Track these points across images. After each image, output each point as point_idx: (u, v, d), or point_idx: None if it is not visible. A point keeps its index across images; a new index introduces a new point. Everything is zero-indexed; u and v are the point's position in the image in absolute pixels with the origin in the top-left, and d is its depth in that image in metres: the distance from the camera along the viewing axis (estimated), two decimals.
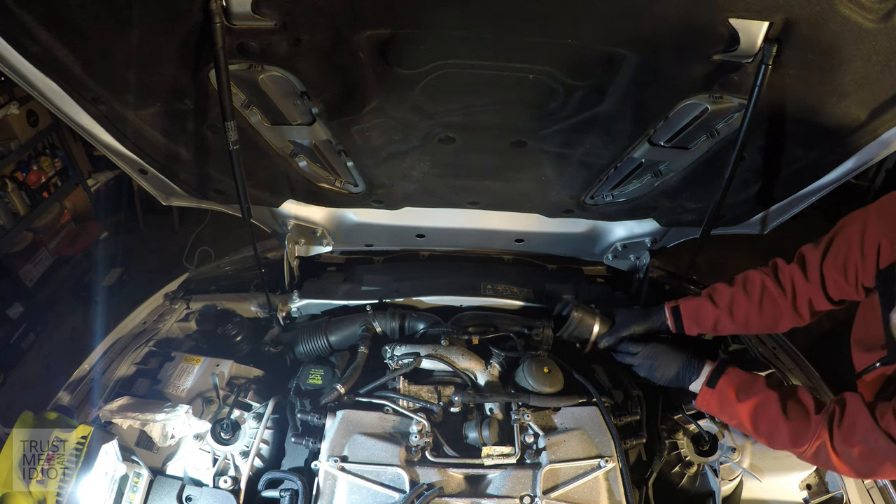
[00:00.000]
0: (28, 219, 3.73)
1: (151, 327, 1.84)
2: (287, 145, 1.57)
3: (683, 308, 1.55)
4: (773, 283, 1.44)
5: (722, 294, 1.50)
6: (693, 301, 1.55)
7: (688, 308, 1.55)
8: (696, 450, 1.51)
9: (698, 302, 1.54)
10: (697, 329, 1.54)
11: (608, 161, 1.56)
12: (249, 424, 1.51)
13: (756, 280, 1.47)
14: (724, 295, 1.50)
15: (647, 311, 1.60)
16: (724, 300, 1.49)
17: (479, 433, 1.40)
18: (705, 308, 1.52)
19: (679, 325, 1.55)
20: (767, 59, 1.08)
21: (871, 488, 1.45)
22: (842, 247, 1.33)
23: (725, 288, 1.51)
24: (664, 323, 1.56)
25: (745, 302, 1.47)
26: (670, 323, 1.55)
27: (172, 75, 1.22)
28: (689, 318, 1.54)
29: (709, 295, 1.53)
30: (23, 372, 3.39)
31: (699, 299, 1.54)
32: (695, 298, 1.55)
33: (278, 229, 1.98)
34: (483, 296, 1.91)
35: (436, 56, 1.19)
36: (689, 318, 1.54)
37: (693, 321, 1.53)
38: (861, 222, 1.29)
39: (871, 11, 0.97)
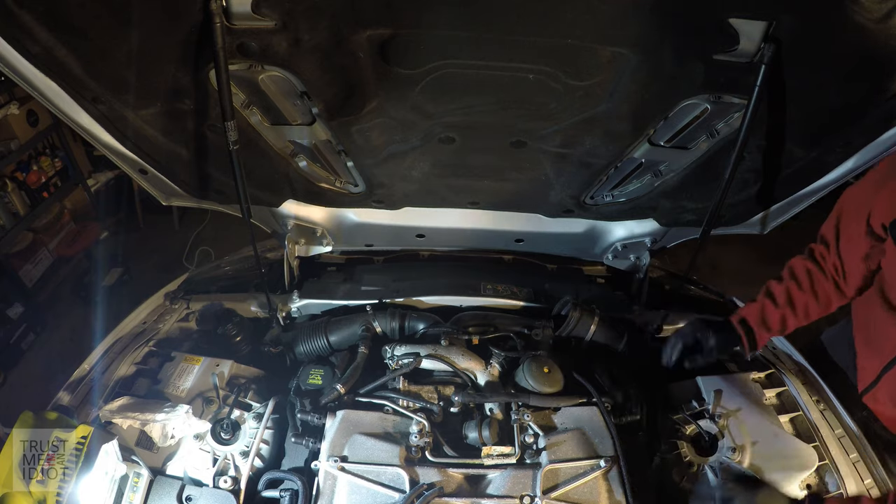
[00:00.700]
0: (28, 219, 3.73)
1: (151, 327, 1.84)
2: (287, 145, 1.57)
3: (749, 317, 1.53)
4: (815, 266, 1.48)
5: (777, 291, 1.51)
6: (752, 307, 1.53)
7: (752, 315, 1.52)
8: (696, 450, 1.50)
9: (758, 306, 1.52)
10: (767, 334, 1.52)
11: (608, 161, 1.56)
12: (249, 424, 1.51)
13: (801, 268, 1.49)
14: (780, 291, 1.50)
15: (722, 333, 1.54)
16: (782, 297, 1.49)
17: (479, 433, 1.40)
18: (769, 310, 1.51)
19: (751, 336, 1.51)
20: (767, 59, 1.08)
21: (872, 488, 1.45)
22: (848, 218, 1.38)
23: (777, 284, 1.52)
24: (736, 339, 1.52)
25: (799, 292, 1.48)
26: (742, 336, 1.51)
27: (172, 75, 1.22)
28: (758, 325, 1.51)
29: (765, 295, 1.52)
30: (23, 372, 3.39)
31: (757, 304, 1.53)
32: (752, 305, 1.54)
33: (278, 229, 1.98)
34: (483, 296, 1.91)
35: (436, 56, 1.19)
36: (758, 325, 1.51)
37: (763, 328, 1.51)
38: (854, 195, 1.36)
39: (871, 11, 0.97)
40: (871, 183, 1.34)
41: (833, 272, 1.47)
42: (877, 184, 1.31)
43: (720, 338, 1.53)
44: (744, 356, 1.57)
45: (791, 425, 1.58)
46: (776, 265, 1.61)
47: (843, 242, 1.42)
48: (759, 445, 1.46)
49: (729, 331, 1.54)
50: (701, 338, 1.54)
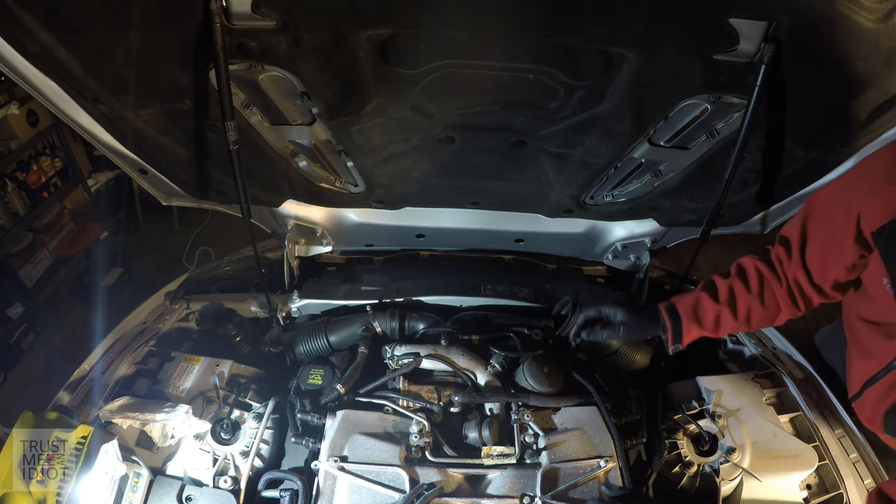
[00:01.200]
0: (28, 219, 3.73)
1: (151, 327, 1.84)
2: (287, 145, 1.57)
3: (679, 305, 1.41)
4: (769, 270, 1.36)
5: (720, 286, 1.39)
6: (686, 297, 1.41)
7: (684, 305, 1.40)
8: (696, 450, 1.51)
9: (693, 297, 1.40)
10: (697, 329, 1.41)
11: (608, 161, 1.56)
12: (249, 424, 1.51)
13: (752, 269, 1.37)
14: (723, 287, 1.39)
15: (639, 314, 1.45)
16: (723, 293, 1.38)
17: (479, 433, 1.40)
18: (704, 303, 1.39)
19: (677, 327, 1.40)
20: (767, 59, 1.08)
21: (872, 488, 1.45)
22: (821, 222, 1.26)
23: (721, 279, 1.40)
24: (661, 325, 1.41)
25: (744, 293, 1.37)
26: (667, 323, 1.40)
27: (172, 75, 1.22)
28: (688, 316, 1.40)
29: (704, 288, 1.40)
30: (23, 372, 3.39)
31: (692, 295, 1.41)
32: (688, 295, 1.42)
33: (278, 229, 1.98)
34: (483, 296, 1.92)
35: (436, 56, 1.19)
36: (687, 317, 1.40)
37: (693, 321, 1.40)
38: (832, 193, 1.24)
39: (871, 11, 0.97)
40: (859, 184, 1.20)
41: (790, 282, 1.34)
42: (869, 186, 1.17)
43: (635, 318, 1.43)
44: (665, 348, 1.44)
45: (791, 425, 1.59)
46: None
47: (812, 250, 1.29)
48: (759, 445, 1.46)
49: (650, 314, 1.42)
50: (609, 312, 1.45)
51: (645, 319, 1.44)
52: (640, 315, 1.45)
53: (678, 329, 1.41)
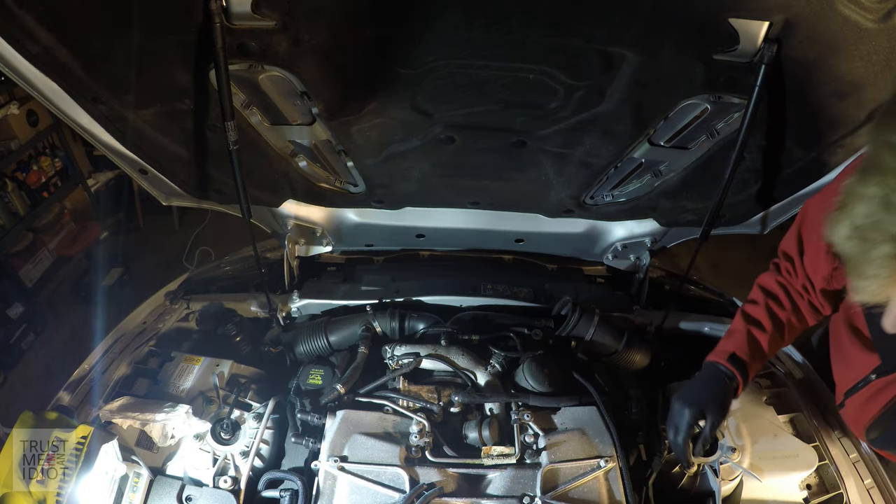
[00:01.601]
0: (28, 219, 3.73)
1: (151, 327, 1.84)
2: (287, 145, 1.57)
3: (738, 350, 1.33)
4: (787, 282, 1.36)
5: (760, 314, 1.35)
6: (737, 339, 1.35)
7: (740, 347, 1.33)
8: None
9: (742, 336, 1.34)
10: (760, 364, 1.35)
11: (608, 161, 1.56)
12: (249, 424, 1.51)
13: (776, 285, 1.35)
14: (762, 314, 1.35)
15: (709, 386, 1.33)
16: (766, 320, 1.34)
17: (479, 433, 1.40)
18: (757, 338, 1.34)
19: (745, 373, 1.32)
20: (767, 59, 1.08)
21: (872, 488, 1.45)
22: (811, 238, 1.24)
23: (756, 307, 1.37)
24: (734, 382, 1.32)
25: (781, 311, 1.35)
26: (738, 377, 1.32)
27: (172, 75, 1.22)
28: (753, 358, 1.33)
29: (748, 322, 1.36)
30: (23, 372, 3.39)
31: (740, 334, 1.34)
32: (733, 336, 1.35)
33: (278, 229, 1.98)
34: (483, 296, 1.92)
35: (436, 56, 1.19)
36: (752, 359, 1.33)
37: (756, 360, 1.34)
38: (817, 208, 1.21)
39: (871, 11, 0.97)
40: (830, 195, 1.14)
41: (802, 290, 1.34)
42: None
43: (710, 395, 1.31)
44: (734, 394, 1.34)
45: (791, 425, 1.59)
46: None
47: (808, 259, 1.30)
48: (759, 445, 1.46)
49: (714, 377, 1.33)
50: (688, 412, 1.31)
51: (715, 386, 1.33)
52: (710, 386, 1.33)
53: (746, 373, 1.34)
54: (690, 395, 1.33)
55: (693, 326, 1.96)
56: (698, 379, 1.36)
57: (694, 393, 1.34)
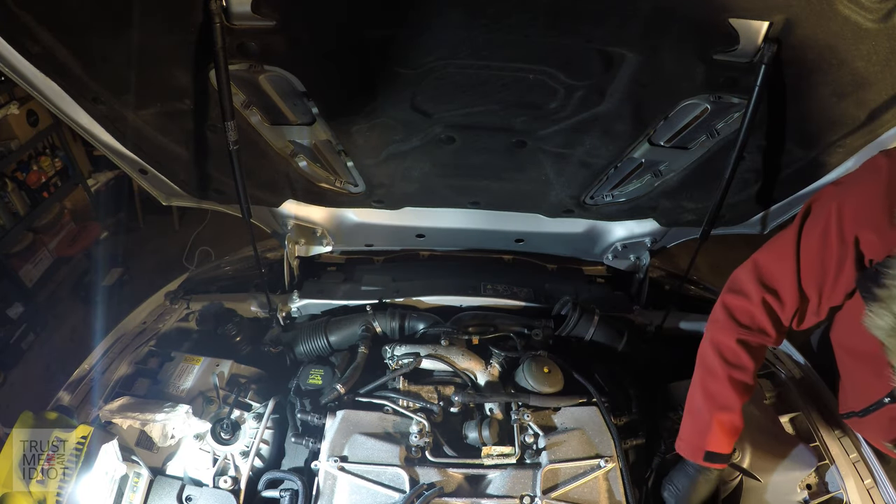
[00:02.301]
0: (28, 219, 3.73)
1: (151, 327, 1.84)
2: (287, 145, 1.57)
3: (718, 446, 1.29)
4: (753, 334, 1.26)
5: (725, 397, 1.27)
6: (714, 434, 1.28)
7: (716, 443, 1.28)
8: None
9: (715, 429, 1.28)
10: (737, 435, 1.32)
11: (608, 161, 1.56)
12: (249, 424, 1.51)
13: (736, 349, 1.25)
14: (727, 395, 1.27)
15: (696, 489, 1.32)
16: (733, 398, 1.27)
17: (479, 433, 1.40)
18: (726, 422, 1.28)
19: (725, 457, 1.30)
20: (767, 59, 1.08)
21: (872, 488, 1.45)
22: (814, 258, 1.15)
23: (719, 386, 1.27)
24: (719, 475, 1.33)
25: (746, 375, 1.27)
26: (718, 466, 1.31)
27: (172, 75, 1.22)
28: (730, 443, 1.31)
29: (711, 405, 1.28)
30: (23, 372, 3.39)
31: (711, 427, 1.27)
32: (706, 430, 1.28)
33: (278, 229, 1.98)
34: (483, 296, 1.92)
35: (436, 56, 1.19)
36: (729, 444, 1.30)
37: (734, 435, 1.30)
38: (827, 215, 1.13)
39: (871, 11, 0.97)
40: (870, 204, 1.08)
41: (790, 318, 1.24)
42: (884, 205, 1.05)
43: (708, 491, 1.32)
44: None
45: (791, 425, 1.58)
46: None
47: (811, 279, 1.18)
48: (759, 445, 1.46)
49: (705, 477, 1.32)
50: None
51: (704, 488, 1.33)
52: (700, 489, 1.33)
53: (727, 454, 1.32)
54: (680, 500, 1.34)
55: (693, 326, 1.96)
56: (688, 482, 1.34)
57: (687, 499, 1.34)
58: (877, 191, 1.06)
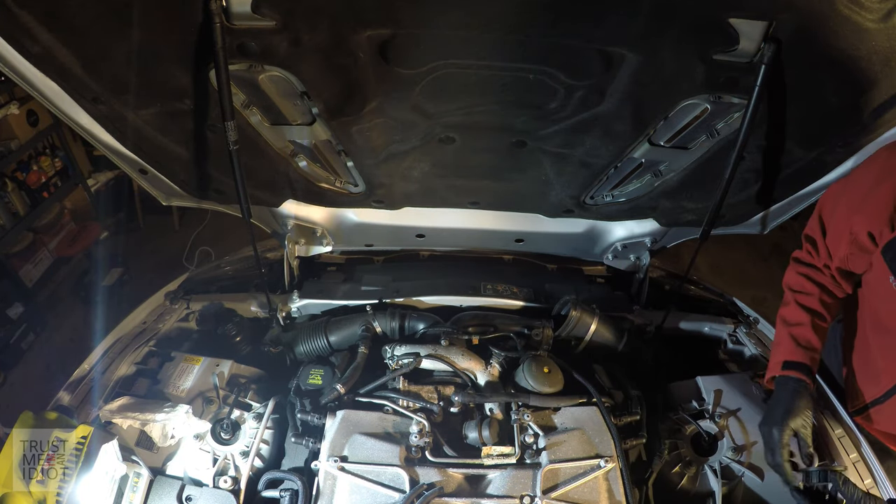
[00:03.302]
0: (28, 219, 3.73)
1: (151, 327, 1.84)
2: (287, 145, 1.58)
3: (790, 356, 1.44)
4: (808, 268, 1.48)
5: (792, 314, 1.47)
6: (785, 348, 1.46)
7: (789, 353, 1.44)
8: (696, 450, 1.51)
9: (787, 341, 1.46)
10: (816, 352, 1.45)
11: (608, 161, 1.56)
12: (249, 424, 1.51)
13: (795, 279, 1.49)
14: (794, 312, 1.47)
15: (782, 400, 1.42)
16: (800, 315, 1.45)
17: (479, 433, 1.40)
18: (799, 333, 1.44)
19: (810, 372, 1.43)
20: (767, 59, 1.08)
21: (872, 488, 1.45)
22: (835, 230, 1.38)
23: (787, 309, 1.49)
24: (802, 385, 1.42)
25: (809, 298, 1.46)
26: (807, 380, 1.42)
27: (172, 75, 1.22)
28: (803, 353, 1.43)
29: (785, 325, 1.48)
30: (23, 372, 3.39)
31: (784, 340, 1.46)
32: (781, 345, 1.47)
33: (278, 229, 1.99)
34: (483, 296, 1.92)
35: (436, 56, 1.19)
36: (802, 354, 1.43)
37: (812, 352, 1.44)
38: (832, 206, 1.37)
39: (871, 11, 0.97)
40: (856, 184, 1.31)
41: (824, 268, 1.46)
42: (866, 188, 1.27)
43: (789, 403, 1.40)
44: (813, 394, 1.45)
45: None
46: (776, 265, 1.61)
47: (829, 239, 1.42)
48: (760, 445, 1.46)
49: (785, 388, 1.42)
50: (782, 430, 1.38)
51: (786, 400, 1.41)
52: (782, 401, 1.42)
53: (808, 369, 1.44)
54: (770, 418, 1.42)
55: (693, 326, 1.96)
56: (772, 399, 1.46)
57: (772, 414, 1.42)
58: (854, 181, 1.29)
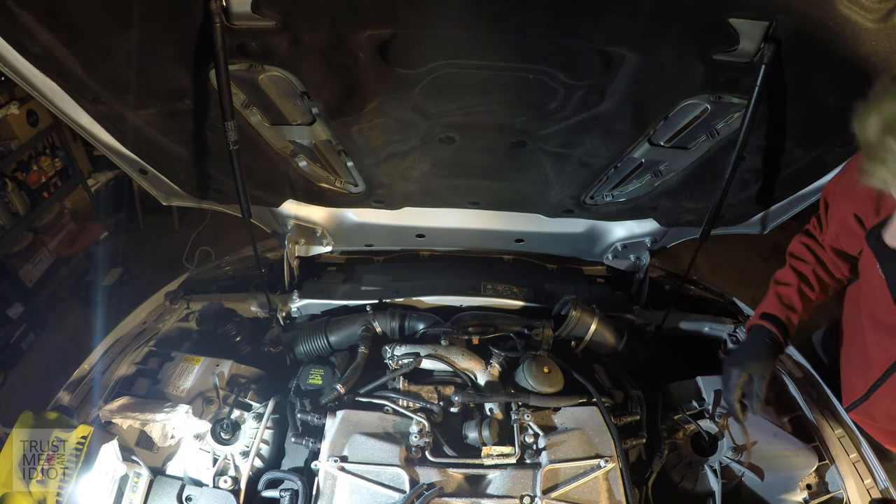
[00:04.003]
0: (28, 219, 3.73)
1: (151, 327, 1.84)
2: (287, 145, 1.58)
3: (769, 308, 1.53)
4: (811, 239, 1.54)
5: (785, 276, 1.55)
6: (768, 300, 1.55)
7: (771, 306, 1.53)
8: (696, 450, 1.51)
9: (772, 296, 1.54)
10: (795, 315, 1.52)
11: (608, 161, 1.56)
12: (249, 424, 1.51)
13: (798, 246, 1.56)
14: (787, 273, 1.55)
15: (748, 346, 1.54)
16: (790, 276, 1.53)
17: (479, 433, 1.40)
18: (784, 292, 1.52)
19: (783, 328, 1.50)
20: (767, 59, 1.08)
21: (871, 488, 1.45)
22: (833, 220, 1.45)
23: (782, 271, 1.57)
24: (771, 337, 1.50)
25: (805, 265, 1.52)
26: (776, 331, 1.50)
27: (172, 75, 1.22)
28: (782, 310, 1.51)
29: (776, 283, 1.56)
30: (23, 372, 3.39)
31: (770, 295, 1.55)
32: (767, 299, 1.55)
33: (278, 229, 1.99)
34: (483, 296, 1.91)
35: (436, 56, 1.19)
36: (781, 310, 1.51)
37: (791, 311, 1.51)
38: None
39: (871, 11, 0.97)
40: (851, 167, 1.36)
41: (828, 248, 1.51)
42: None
43: (755, 349, 1.49)
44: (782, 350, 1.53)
45: (791, 425, 1.58)
46: (776, 265, 1.61)
47: (829, 216, 1.48)
48: (759, 445, 1.46)
49: (756, 339, 1.51)
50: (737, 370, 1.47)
51: (753, 346, 1.51)
52: (749, 346, 1.53)
53: (783, 325, 1.51)
54: (734, 358, 1.52)
55: (693, 326, 1.96)
56: (742, 343, 1.59)
57: (736, 355, 1.54)
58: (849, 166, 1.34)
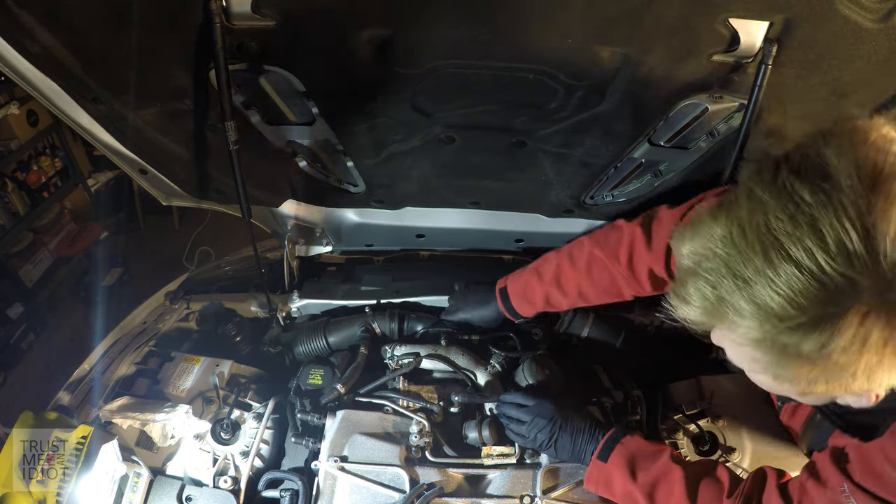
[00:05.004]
0: (28, 219, 3.73)
1: (151, 327, 1.84)
2: (287, 145, 1.57)
3: (511, 287, 1.49)
4: (600, 249, 1.36)
5: (548, 264, 1.44)
6: (521, 277, 1.48)
7: (516, 287, 1.48)
8: (696, 450, 1.51)
9: (525, 277, 1.47)
10: (532, 309, 1.46)
11: (608, 161, 1.56)
12: (249, 424, 1.51)
13: (583, 246, 1.40)
14: (550, 266, 1.43)
15: (480, 296, 1.56)
16: (549, 272, 1.43)
17: (479, 433, 1.40)
18: (532, 285, 1.45)
19: (510, 308, 1.50)
20: (767, 59, 1.08)
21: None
22: None
23: (552, 257, 1.44)
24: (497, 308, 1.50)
25: (571, 271, 1.39)
26: (501, 308, 1.51)
27: (172, 75, 1.22)
28: (518, 297, 1.47)
29: (535, 268, 1.46)
30: (23, 372, 3.40)
31: (526, 274, 1.48)
32: (523, 273, 1.49)
33: (278, 229, 1.98)
34: None
35: (436, 56, 1.19)
36: (518, 297, 1.47)
37: (524, 300, 1.47)
38: None
39: (871, 11, 0.97)
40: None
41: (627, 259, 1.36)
42: None
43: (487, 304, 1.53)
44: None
45: None
46: None
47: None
48: (759, 445, 1.46)
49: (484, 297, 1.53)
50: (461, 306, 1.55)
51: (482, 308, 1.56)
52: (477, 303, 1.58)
53: (513, 311, 1.52)
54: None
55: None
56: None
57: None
58: None
